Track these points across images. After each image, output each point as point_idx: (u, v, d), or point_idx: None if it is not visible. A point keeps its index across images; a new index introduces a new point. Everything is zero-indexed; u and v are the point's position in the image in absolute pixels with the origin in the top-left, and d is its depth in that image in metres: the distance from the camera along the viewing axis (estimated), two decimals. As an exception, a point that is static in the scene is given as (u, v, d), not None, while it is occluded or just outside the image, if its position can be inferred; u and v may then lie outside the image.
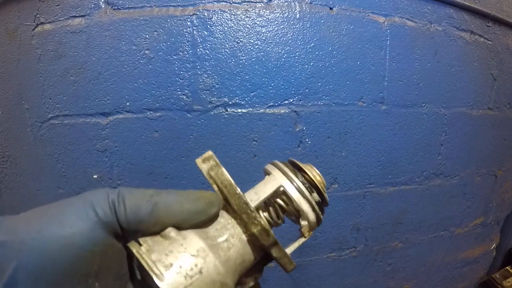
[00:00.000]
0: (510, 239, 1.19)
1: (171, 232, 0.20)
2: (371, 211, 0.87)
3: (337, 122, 0.77)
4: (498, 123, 0.98)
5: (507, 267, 1.18)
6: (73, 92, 0.72)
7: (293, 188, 0.24)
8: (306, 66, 0.73)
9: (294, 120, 0.75)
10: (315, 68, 0.74)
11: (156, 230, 0.20)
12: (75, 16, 0.70)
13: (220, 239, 0.22)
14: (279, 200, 0.26)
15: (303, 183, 0.25)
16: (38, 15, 0.72)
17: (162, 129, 0.73)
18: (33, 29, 0.72)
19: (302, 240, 0.27)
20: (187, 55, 0.70)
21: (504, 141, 1.02)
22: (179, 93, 0.71)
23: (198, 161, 0.23)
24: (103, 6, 0.70)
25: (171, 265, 0.19)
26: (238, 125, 0.73)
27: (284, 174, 0.25)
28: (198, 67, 0.70)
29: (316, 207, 0.25)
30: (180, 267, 0.19)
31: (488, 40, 0.91)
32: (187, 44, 0.70)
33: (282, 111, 0.74)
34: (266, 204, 0.26)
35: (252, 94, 0.72)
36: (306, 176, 0.26)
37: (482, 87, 0.93)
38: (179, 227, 0.21)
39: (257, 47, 0.71)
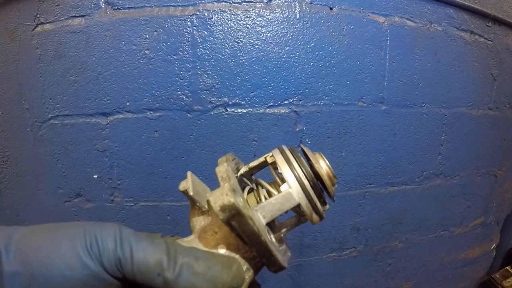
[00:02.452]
0: (510, 239, 1.19)
1: None
2: (371, 211, 0.87)
3: (337, 122, 0.77)
4: (498, 123, 0.98)
5: (507, 267, 1.18)
6: (73, 92, 0.72)
7: (299, 188, 0.23)
8: (306, 66, 0.73)
9: (294, 120, 0.75)
10: (315, 68, 0.74)
11: None
12: (75, 16, 0.70)
13: None
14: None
15: (306, 174, 0.23)
16: (38, 15, 0.72)
17: (162, 129, 0.73)
18: (33, 29, 0.72)
19: (296, 223, 0.26)
20: (187, 55, 0.70)
21: (504, 141, 1.02)
22: (179, 93, 0.71)
23: (214, 204, 0.20)
24: (103, 6, 0.70)
25: None
26: (238, 125, 0.73)
27: (289, 165, 0.23)
28: (198, 67, 0.70)
29: (317, 203, 0.23)
30: None
31: (488, 40, 0.91)
32: (187, 44, 0.70)
33: (282, 111, 0.74)
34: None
35: (252, 94, 0.72)
36: (313, 167, 0.24)
37: (482, 87, 0.93)
38: None
39: (257, 47, 0.71)
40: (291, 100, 0.74)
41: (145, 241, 0.19)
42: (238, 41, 0.70)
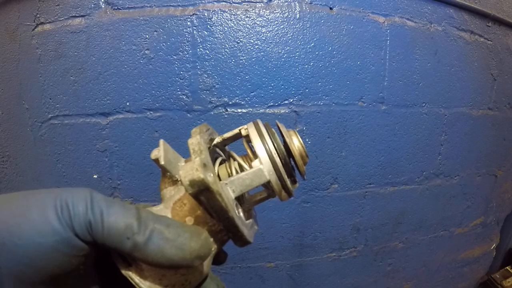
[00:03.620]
0: (510, 239, 1.19)
1: None
2: (371, 211, 0.87)
3: (337, 122, 0.77)
4: (498, 123, 0.98)
5: (507, 267, 1.18)
6: (73, 92, 0.72)
7: (270, 165, 0.23)
8: (306, 66, 0.73)
9: (294, 120, 0.75)
10: (315, 68, 0.74)
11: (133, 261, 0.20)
12: (75, 16, 0.70)
13: None
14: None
15: (278, 151, 0.23)
16: (38, 15, 0.72)
17: (162, 129, 0.73)
18: (33, 29, 0.72)
19: (265, 196, 0.26)
20: (187, 55, 0.70)
21: (504, 141, 1.02)
22: (179, 93, 0.71)
23: (184, 179, 0.20)
24: (103, 6, 0.70)
25: (166, 286, 0.20)
26: (238, 125, 0.73)
27: (262, 141, 0.23)
28: (198, 67, 0.70)
29: (287, 181, 0.23)
30: (174, 286, 0.21)
31: (488, 40, 0.91)
32: (187, 44, 0.70)
33: (282, 111, 0.74)
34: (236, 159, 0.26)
35: (252, 94, 0.72)
36: (286, 144, 0.24)
37: (482, 87, 0.93)
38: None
39: (257, 47, 0.71)
40: (291, 100, 0.74)
41: (116, 205, 0.18)
42: (238, 41, 0.70)
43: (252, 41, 0.71)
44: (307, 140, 0.77)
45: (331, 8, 0.74)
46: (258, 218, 0.31)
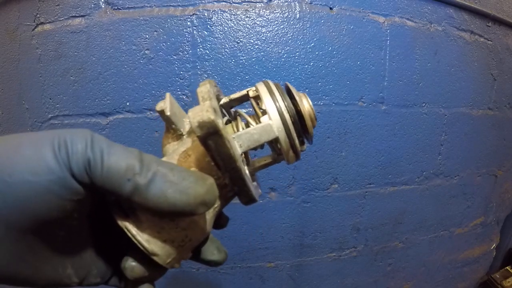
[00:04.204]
0: (510, 239, 1.19)
1: None
2: (371, 211, 0.87)
3: (337, 122, 0.77)
4: (498, 123, 0.98)
5: (507, 267, 1.18)
6: (73, 92, 0.72)
7: (279, 121, 0.22)
8: (306, 66, 0.73)
9: (294, 120, 0.75)
10: (315, 68, 0.74)
11: (132, 207, 0.19)
12: (75, 16, 0.70)
13: None
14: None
15: (289, 112, 0.22)
16: (38, 15, 0.72)
17: (162, 129, 0.72)
18: (33, 29, 0.72)
19: (270, 161, 0.25)
20: (187, 55, 0.70)
21: (504, 141, 1.02)
22: (179, 93, 0.71)
23: (193, 120, 0.18)
24: (103, 6, 0.70)
25: (165, 241, 0.19)
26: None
27: (272, 98, 0.22)
28: (198, 67, 0.70)
29: (295, 140, 0.22)
30: (173, 242, 0.20)
31: (488, 40, 0.91)
32: (187, 44, 0.70)
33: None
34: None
35: (252, 94, 0.72)
36: (296, 103, 0.23)
37: (482, 87, 0.93)
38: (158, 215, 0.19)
39: (257, 47, 0.71)
40: (291, 100, 0.74)
41: (118, 146, 0.17)
42: (238, 41, 0.70)
43: (252, 41, 0.71)
44: (307, 140, 0.77)
45: (331, 8, 0.74)
46: (258, 218, 0.31)
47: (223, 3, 0.70)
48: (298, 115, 0.23)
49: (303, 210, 0.81)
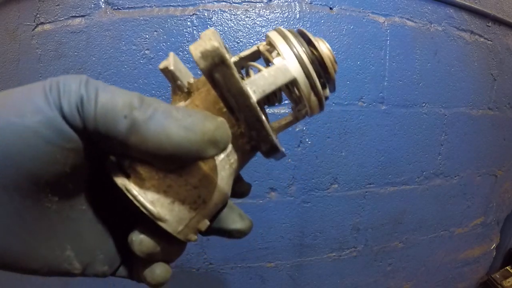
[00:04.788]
0: (510, 239, 1.19)
1: None
2: (371, 211, 0.87)
3: (337, 122, 0.77)
4: (498, 123, 0.99)
5: (507, 267, 1.18)
6: (73, 92, 0.72)
7: (295, 60, 0.19)
8: (306, 66, 0.73)
9: (294, 120, 0.75)
10: (315, 68, 0.74)
11: (130, 155, 0.15)
12: (75, 16, 0.71)
13: (221, 157, 0.18)
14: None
15: (306, 52, 0.20)
16: (38, 15, 0.72)
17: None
18: (33, 29, 0.72)
19: (291, 120, 0.23)
20: (187, 55, 0.70)
21: (504, 141, 1.02)
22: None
23: (195, 51, 0.16)
24: (103, 6, 0.70)
25: (173, 203, 0.16)
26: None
27: (286, 41, 0.20)
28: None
29: (316, 80, 0.20)
30: (183, 203, 0.17)
31: (488, 40, 0.91)
32: (187, 44, 0.70)
33: (282, 111, 0.74)
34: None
35: (252, 94, 0.72)
36: (313, 49, 0.21)
37: (482, 87, 0.93)
38: (158, 161, 0.16)
39: (257, 47, 0.71)
40: (291, 100, 0.74)
41: (115, 87, 0.15)
42: (238, 41, 0.70)
43: (252, 41, 0.71)
44: (307, 140, 0.77)
45: (331, 8, 0.74)
46: (258, 218, 0.30)
47: (223, 3, 0.70)
48: (314, 56, 0.20)
49: (303, 210, 0.81)
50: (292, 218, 0.81)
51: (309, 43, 0.20)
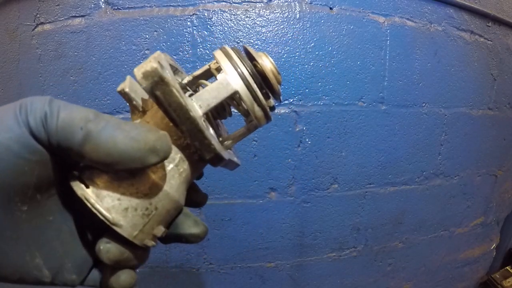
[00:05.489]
0: (510, 239, 1.19)
1: None
2: (371, 211, 0.87)
3: (337, 122, 0.77)
4: (498, 123, 0.98)
5: (507, 267, 1.18)
6: (73, 92, 0.72)
7: (236, 75, 0.21)
8: (306, 66, 0.73)
9: (294, 120, 0.75)
10: (315, 68, 0.74)
11: (86, 163, 0.17)
12: (75, 16, 0.71)
13: (170, 166, 0.20)
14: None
15: (247, 67, 0.21)
16: (38, 15, 0.72)
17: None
18: (33, 29, 0.72)
19: (244, 132, 0.25)
20: (187, 55, 0.70)
21: (504, 141, 1.02)
22: (179, 93, 0.71)
23: (137, 73, 0.18)
24: (103, 6, 0.70)
25: (127, 210, 0.18)
26: (238, 126, 0.73)
27: (229, 59, 0.22)
28: (198, 67, 0.70)
29: (257, 91, 0.21)
30: (136, 209, 0.18)
31: (488, 40, 0.91)
32: (187, 44, 0.70)
33: (282, 111, 0.74)
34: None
35: (252, 94, 0.72)
36: (255, 62, 0.23)
37: (482, 87, 0.93)
38: (109, 168, 0.18)
39: (257, 47, 0.71)
40: (291, 100, 0.74)
41: (76, 105, 0.17)
42: (238, 41, 0.70)
43: (252, 41, 0.71)
44: (307, 140, 0.77)
45: (331, 8, 0.74)
46: (258, 218, 0.31)
47: (223, 3, 0.70)
48: (257, 70, 0.22)
49: (303, 210, 0.81)
50: (292, 218, 0.81)
51: (251, 58, 0.22)
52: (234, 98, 0.22)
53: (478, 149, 0.97)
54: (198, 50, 0.70)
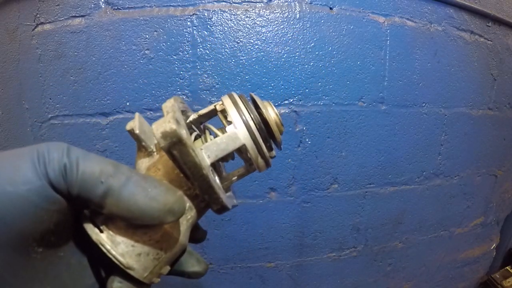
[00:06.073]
0: (510, 239, 1.19)
1: None
2: (371, 211, 0.87)
3: (337, 122, 0.77)
4: (498, 123, 0.98)
5: (507, 267, 1.18)
6: (73, 92, 0.72)
7: (245, 129, 0.22)
8: (306, 66, 0.73)
9: (294, 120, 0.75)
10: (315, 68, 0.74)
11: (104, 213, 0.18)
12: (75, 16, 0.70)
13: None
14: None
15: (254, 119, 0.23)
16: (38, 15, 0.72)
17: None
18: (33, 29, 0.72)
19: (243, 173, 0.26)
20: (187, 55, 0.70)
21: (504, 141, 1.02)
22: (179, 93, 0.71)
23: (156, 132, 0.19)
24: (103, 6, 0.70)
25: (140, 255, 0.20)
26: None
27: (237, 109, 0.23)
28: (198, 67, 0.70)
29: (262, 145, 0.23)
30: (148, 255, 0.20)
31: (488, 40, 0.91)
32: (187, 44, 0.70)
33: (282, 111, 0.74)
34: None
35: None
36: (261, 112, 0.24)
37: (482, 87, 0.93)
38: (127, 221, 0.19)
39: (257, 47, 0.71)
40: (291, 100, 0.74)
41: (93, 154, 0.18)
42: (238, 41, 0.70)
43: (252, 41, 0.71)
44: (307, 140, 0.77)
45: (331, 8, 0.74)
46: (258, 218, 0.31)
47: (223, 3, 0.70)
48: (263, 122, 0.24)
49: (303, 210, 0.81)
50: (292, 218, 0.81)
51: (256, 106, 0.24)
52: (240, 149, 0.23)
53: (478, 149, 0.97)
54: (198, 50, 0.70)
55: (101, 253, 0.19)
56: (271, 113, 0.25)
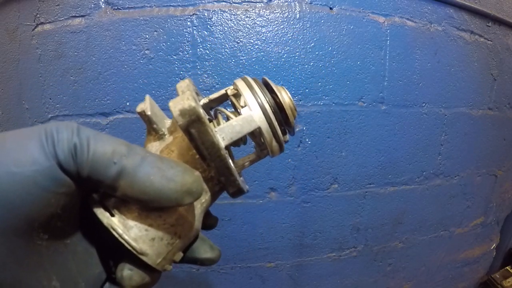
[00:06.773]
0: (510, 239, 1.19)
1: None
2: (371, 211, 0.87)
3: (337, 122, 0.77)
4: (498, 123, 0.98)
5: (507, 267, 1.18)
6: (73, 92, 0.72)
7: (260, 112, 0.22)
8: (306, 66, 0.73)
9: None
10: (315, 68, 0.74)
11: (117, 196, 0.17)
12: (75, 16, 0.71)
13: None
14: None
15: (269, 103, 0.22)
16: (38, 15, 0.72)
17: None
18: (33, 29, 0.72)
19: (254, 158, 0.26)
20: (187, 55, 0.70)
21: (504, 141, 1.02)
22: (179, 93, 0.71)
23: (174, 109, 0.18)
24: (103, 6, 0.70)
25: (153, 240, 0.19)
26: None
27: (251, 91, 0.23)
28: (198, 67, 0.70)
29: (277, 129, 0.23)
30: (162, 239, 0.19)
31: (488, 40, 0.91)
32: (187, 44, 0.70)
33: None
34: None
35: (252, 94, 0.72)
36: (275, 96, 0.24)
37: (482, 87, 0.93)
38: (142, 204, 0.18)
39: (257, 47, 0.71)
40: (291, 100, 0.74)
41: (105, 134, 0.17)
42: (238, 41, 0.70)
43: (252, 41, 0.71)
44: (307, 140, 0.77)
45: (331, 8, 0.74)
46: (258, 218, 0.31)
47: (223, 3, 0.70)
48: (278, 106, 0.23)
49: (303, 210, 0.81)
50: (292, 218, 0.81)
51: (270, 90, 0.24)
52: (254, 132, 0.22)
53: (478, 149, 0.97)
54: (198, 50, 0.70)
55: (113, 239, 0.18)
56: (285, 97, 0.24)
